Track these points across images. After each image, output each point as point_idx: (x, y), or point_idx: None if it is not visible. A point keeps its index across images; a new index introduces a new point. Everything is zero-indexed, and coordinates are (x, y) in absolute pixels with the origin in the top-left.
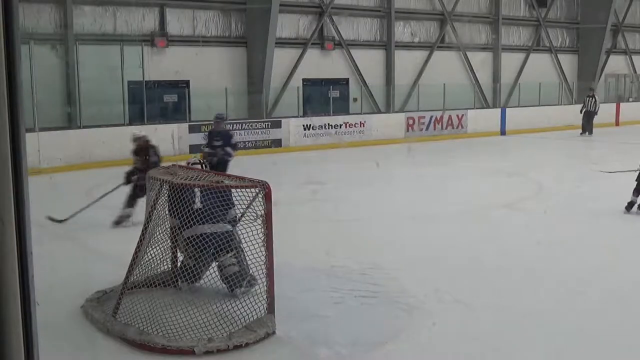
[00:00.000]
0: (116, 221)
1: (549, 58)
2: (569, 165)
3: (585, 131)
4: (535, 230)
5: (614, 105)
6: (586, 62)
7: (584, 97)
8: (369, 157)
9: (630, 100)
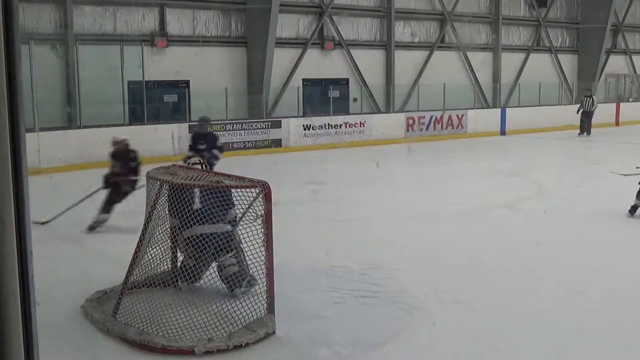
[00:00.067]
0: (90, 226)
1: (549, 58)
2: (569, 165)
3: (583, 132)
4: (535, 230)
5: (613, 105)
6: (586, 62)
7: (581, 97)
8: (369, 157)
9: (630, 100)
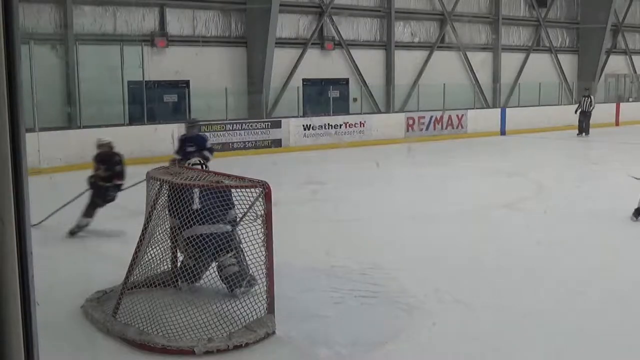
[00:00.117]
0: (71, 231)
1: (549, 58)
2: (569, 165)
3: (582, 132)
4: (535, 230)
5: (613, 105)
6: (586, 62)
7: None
8: (369, 157)
9: (630, 100)
